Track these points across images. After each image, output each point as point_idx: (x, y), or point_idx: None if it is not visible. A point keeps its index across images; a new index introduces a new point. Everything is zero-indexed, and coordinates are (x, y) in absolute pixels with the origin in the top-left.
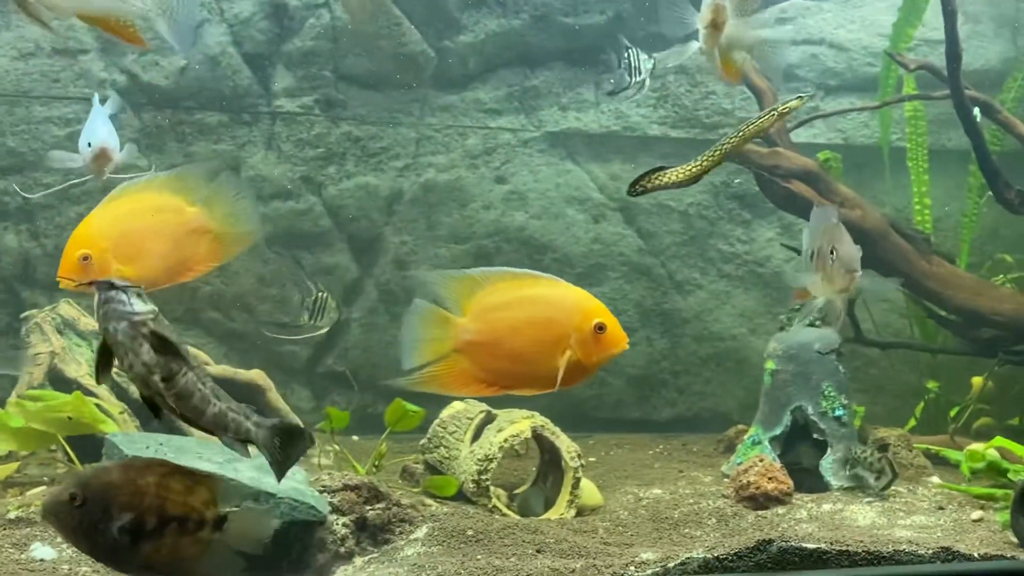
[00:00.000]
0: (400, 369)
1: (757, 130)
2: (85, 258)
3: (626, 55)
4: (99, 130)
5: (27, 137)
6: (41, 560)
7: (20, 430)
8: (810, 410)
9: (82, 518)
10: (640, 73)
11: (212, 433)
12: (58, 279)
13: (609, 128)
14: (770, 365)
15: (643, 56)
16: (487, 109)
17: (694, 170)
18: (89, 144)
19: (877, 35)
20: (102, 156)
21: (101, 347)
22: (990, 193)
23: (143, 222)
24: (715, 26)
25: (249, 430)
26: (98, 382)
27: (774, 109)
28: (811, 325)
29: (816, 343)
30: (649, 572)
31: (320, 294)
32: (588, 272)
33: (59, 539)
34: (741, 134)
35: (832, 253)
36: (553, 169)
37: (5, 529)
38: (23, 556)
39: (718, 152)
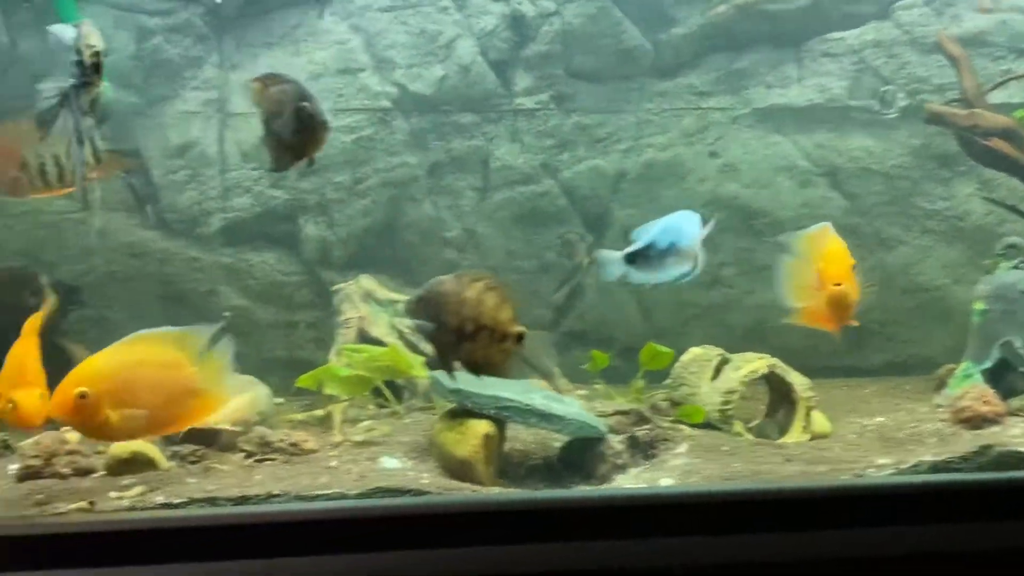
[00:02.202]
0: None
1: None
2: (83, 396)
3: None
4: None
5: None
6: (390, 468)
7: (346, 378)
8: (1018, 344)
9: (423, 315)
10: (892, 108)
11: None
12: (49, 413)
13: (812, 101)
14: (979, 305)
15: (899, 95)
16: (699, 92)
17: None
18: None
19: None
20: None
21: None
22: None
23: (147, 373)
24: None
25: None
26: None
27: None
28: (1016, 268)
29: (1021, 283)
30: (886, 472)
31: (561, 237)
32: None
33: (401, 453)
34: None
35: None
36: (761, 142)
37: (356, 448)
38: (375, 466)
39: None
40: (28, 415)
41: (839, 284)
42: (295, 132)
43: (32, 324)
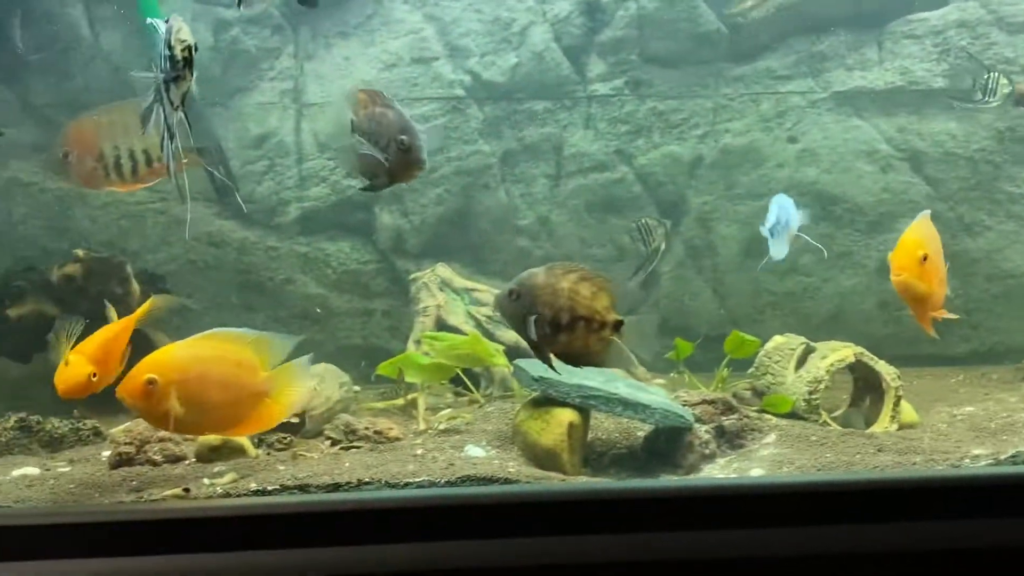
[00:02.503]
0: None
1: None
2: (151, 383)
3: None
4: None
5: None
6: (475, 457)
7: (426, 365)
8: None
9: (516, 309)
10: (995, 96)
11: None
12: (117, 393)
13: (894, 84)
14: None
15: (1003, 81)
16: (777, 76)
17: None
18: None
19: None
20: None
21: None
22: None
23: (219, 370)
24: None
25: None
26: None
27: None
28: None
29: None
30: (983, 463)
31: (639, 221)
32: (879, 220)
33: (485, 442)
34: None
35: None
36: (841, 126)
37: (440, 437)
38: (461, 455)
39: None
40: (67, 378)
41: (899, 275)
42: (391, 161)
43: (134, 316)
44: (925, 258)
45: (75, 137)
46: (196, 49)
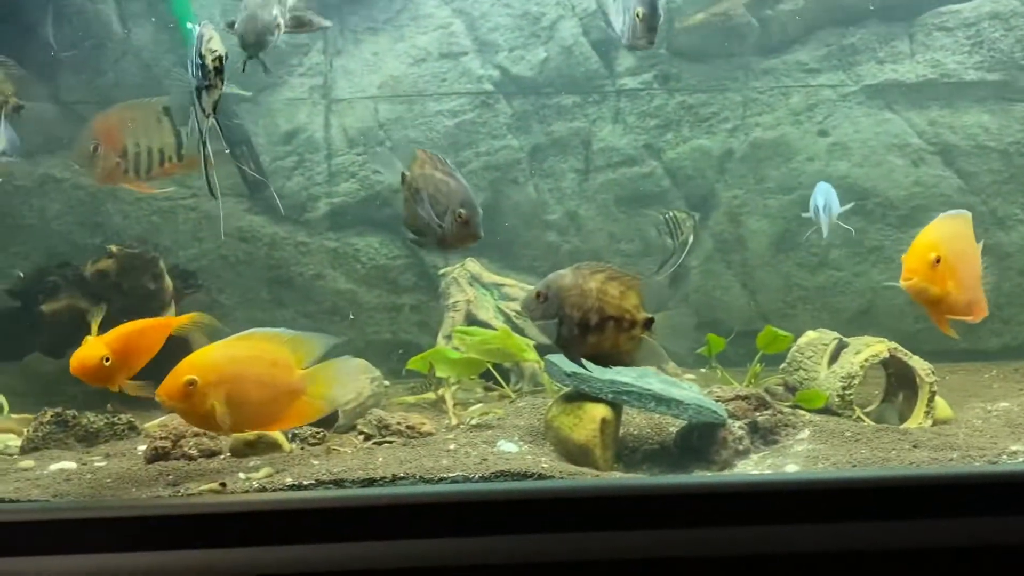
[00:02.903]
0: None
1: None
2: (191, 383)
3: None
4: None
5: (424, 129)
6: (508, 452)
7: (457, 360)
8: None
9: (544, 311)
10: None
11: None
12: (156, 396)
13: (926, 77)
14: None
15: None
16: (808, 69)
17: None
18: None
19: None
20: None
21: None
22: None
23: (257, 370)
24: None
25: None
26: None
27: None
28: None
29: None
30: (1020, 459)
31: (667, 214)
32: (910, 214)
33: (517, 437)
34: None
35: None
36: (872, 119)
37: (472, 432)
38: (494, 450)
39: None
40: (79, 355)
41: (909, 279)
42: (446, 230)
43: (170, 320)
44: (938, 260)
45: (103, 131)
46: (227, 58)
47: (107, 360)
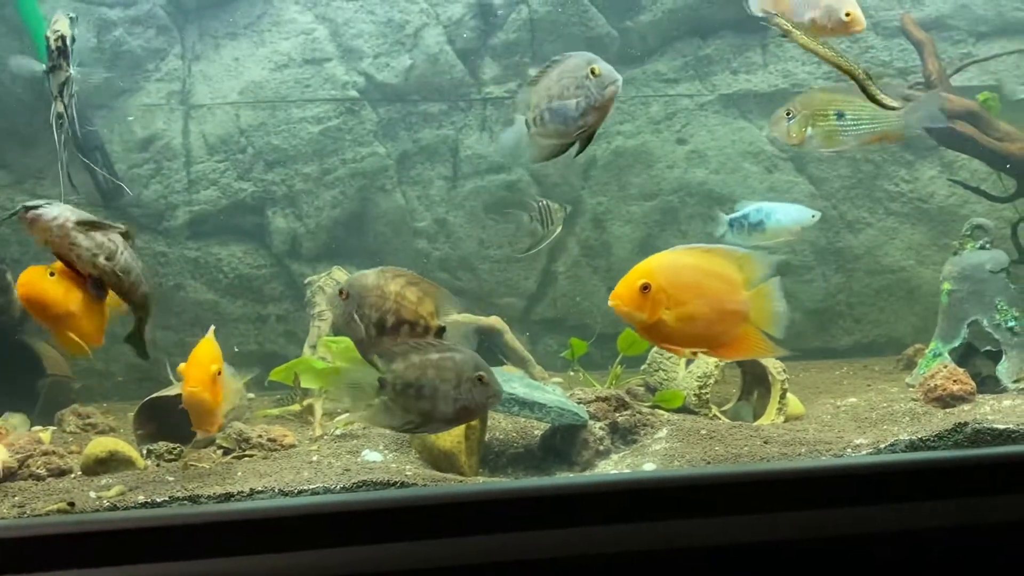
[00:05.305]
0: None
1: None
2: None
3: None
4: None
5: (287, 135)
6: (372, 461)
7: (322, 370)
8: (985, 323)
9: (345, 308)
10: None
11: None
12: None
13: (777, 86)
14: (947, 286)
15: None
16: (666, 79)
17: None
18: None
19: None
20: None
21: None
22: None
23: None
24: None
25: None
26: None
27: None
28: (982, 248)
29: (988, 263)
30: (864, 452)
31: (540, 202)
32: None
33: (382, 446)
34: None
35: None
36: (728, 128)
37: (337, 441)
38: (357, 460)
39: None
40: (24, 280)
41: (614, 303)
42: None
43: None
44: (646, 287)
45: None
46: (72, 40)
47: (52, 274)
